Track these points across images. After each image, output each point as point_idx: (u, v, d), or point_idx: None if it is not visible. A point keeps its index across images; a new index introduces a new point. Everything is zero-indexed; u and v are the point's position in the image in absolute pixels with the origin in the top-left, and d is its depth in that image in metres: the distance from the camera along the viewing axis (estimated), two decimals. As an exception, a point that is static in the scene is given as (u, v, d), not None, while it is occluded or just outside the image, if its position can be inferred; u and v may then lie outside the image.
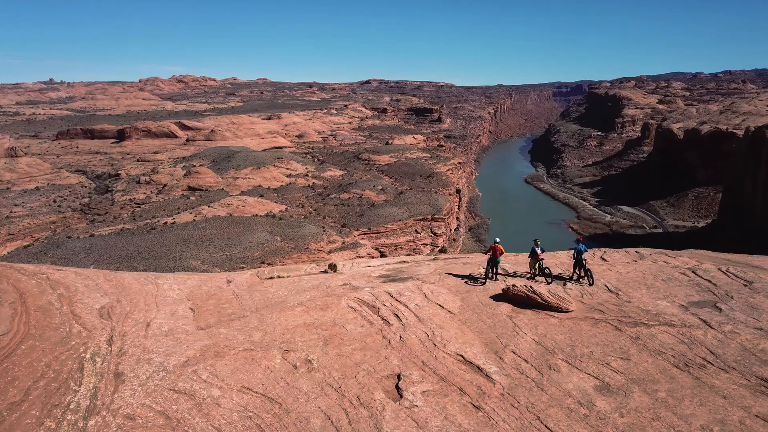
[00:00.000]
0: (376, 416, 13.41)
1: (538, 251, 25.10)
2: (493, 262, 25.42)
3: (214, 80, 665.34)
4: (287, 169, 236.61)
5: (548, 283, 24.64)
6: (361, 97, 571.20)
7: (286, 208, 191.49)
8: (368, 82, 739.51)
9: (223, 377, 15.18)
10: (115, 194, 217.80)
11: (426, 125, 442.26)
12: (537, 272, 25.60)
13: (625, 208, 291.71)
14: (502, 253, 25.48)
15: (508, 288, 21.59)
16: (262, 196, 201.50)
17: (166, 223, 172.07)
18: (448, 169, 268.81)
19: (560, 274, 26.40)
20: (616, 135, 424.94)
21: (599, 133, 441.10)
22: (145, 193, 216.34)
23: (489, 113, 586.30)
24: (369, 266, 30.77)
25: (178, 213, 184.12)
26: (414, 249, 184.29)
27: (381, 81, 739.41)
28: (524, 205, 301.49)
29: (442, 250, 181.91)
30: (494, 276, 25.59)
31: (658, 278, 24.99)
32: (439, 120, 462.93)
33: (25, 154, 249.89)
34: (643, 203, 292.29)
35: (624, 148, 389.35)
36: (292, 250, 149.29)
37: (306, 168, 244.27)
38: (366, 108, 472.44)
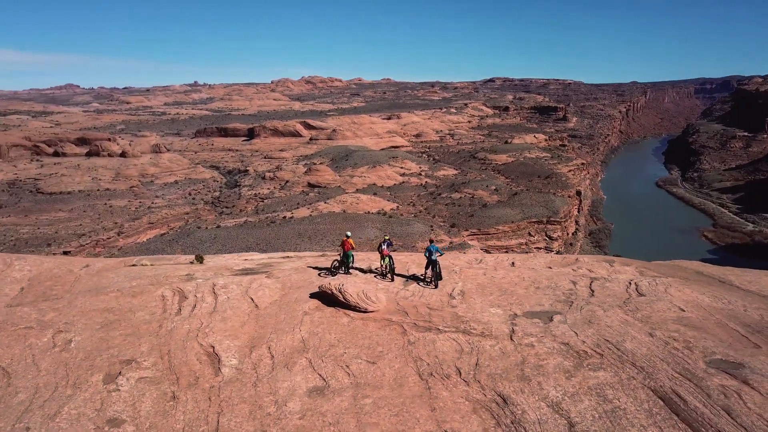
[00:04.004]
0: (74, 396, 13.77)
1: (384, 247, 25.14)
2: (344, 257, 26.15)
3: (340, 81, 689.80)
4: (401, 168, 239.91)
5: (391, 280, 24.70)
6: (483, 95, 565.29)
7: (397, 207, 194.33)
8: (492, 80, 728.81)
9: None
10: (242, 189, 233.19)
11: (550, 124, 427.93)
12: (387, 269, 25.48)
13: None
14: (352, 248, 26.11)
15: (322, 285, 21.50)
16: (375, 194, 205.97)
17: (285, 217, 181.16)
18: (570, 170, 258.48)
19: (415, 274, 25.81)
20: (766, 136, 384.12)
21: (746, 134, 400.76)
22: (269, 189, 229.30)
23: (620, 112, 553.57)
24: (246, 260, 30.99)
25: (297, 208, 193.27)
26: (526, 253, 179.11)
27: (505, 79, 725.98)
28: (653, 210, 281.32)
29: (558, 254, 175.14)
30: (346, 270, 26.13)
31: (532, 286, 23.47)
32: (564, 119, 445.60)
33: (168, 150, 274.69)
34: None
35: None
36: (399, 248, 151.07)
37: (420, 167, 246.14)
38: (487, 107, 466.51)
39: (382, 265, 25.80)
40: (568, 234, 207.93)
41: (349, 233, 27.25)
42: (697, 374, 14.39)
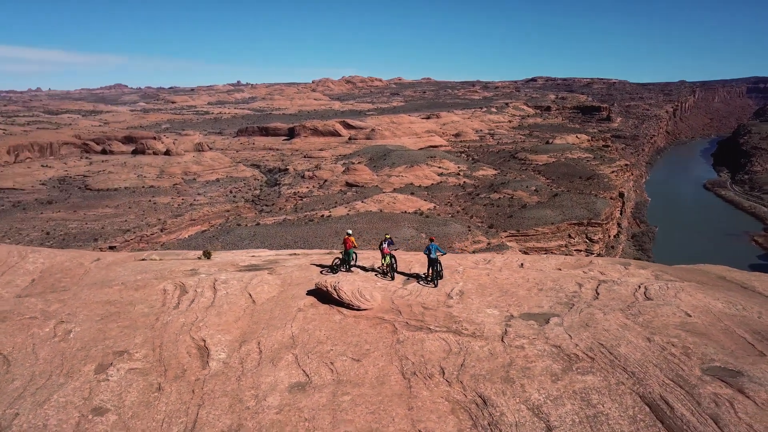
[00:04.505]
0: (65, 385, 14.17)
1: (385, 246, 25.12)
2: (345, 255, 26.34)
3: (380, 80, 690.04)
4: (439, 167, 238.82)
5: (391, 279, 24.74)
6: (524, 95, 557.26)
7: (435, 206, 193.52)
8: (533, 80, 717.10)
9: None
10: (281, 187, 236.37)
11: (593, 124, 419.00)
12: (387, 268, 25.49)
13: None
14: (354, 246, 26.20)
15: (319, 282, 21.44)
16: (412, 193, 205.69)
17: (323, 216, 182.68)
18: (613, 171, 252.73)
19: (417, 273, 25.71)
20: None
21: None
22: (307, 188, 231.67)
23: (667, 112, 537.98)
24: (253, 256, 31.11)
25: (335, 207, 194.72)
26: (566, 255, 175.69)
27: (547, 79, 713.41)
28: (700, 213, 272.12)
29: (599, 256, 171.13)
30: (347, 268, 26.30)
31: (535, 287, 22.79)
32: (608, 119, 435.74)
33: (210, 149, 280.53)
34: None
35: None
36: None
37: (458, 167, 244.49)
38: (528, 106, 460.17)
39: (383, 264, 25.81)
40: (609, 236, 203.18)
41: (350, 231, 27.63)
42: (691, 381, 13.89)
